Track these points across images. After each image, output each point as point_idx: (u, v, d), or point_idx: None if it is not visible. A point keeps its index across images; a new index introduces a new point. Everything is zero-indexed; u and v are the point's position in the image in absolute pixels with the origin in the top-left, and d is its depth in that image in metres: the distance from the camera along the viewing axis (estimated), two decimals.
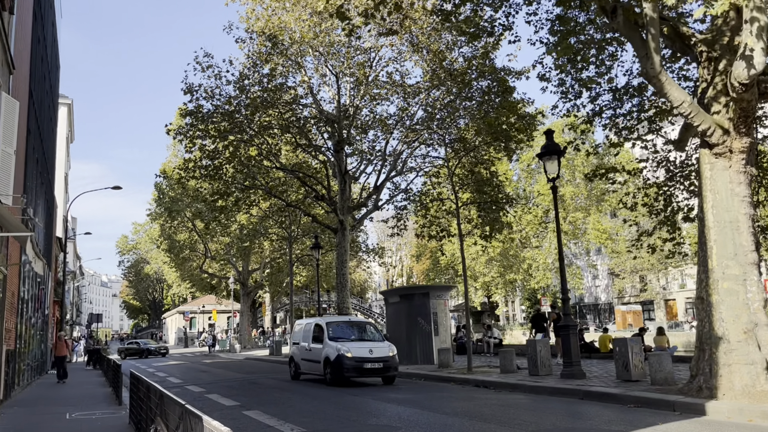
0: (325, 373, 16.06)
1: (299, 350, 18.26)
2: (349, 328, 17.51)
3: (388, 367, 15.67)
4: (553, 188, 14.92)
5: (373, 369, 15.56)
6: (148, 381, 7.23)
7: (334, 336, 16.52)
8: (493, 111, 23.62)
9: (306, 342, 17.76)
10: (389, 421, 9.77)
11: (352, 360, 15.37)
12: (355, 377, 15.71)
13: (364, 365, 15.42)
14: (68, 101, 43.62)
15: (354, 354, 15.44)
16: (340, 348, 15.62)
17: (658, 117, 18.12)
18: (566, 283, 14.60)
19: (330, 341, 16.20)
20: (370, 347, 15.87)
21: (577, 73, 18.62)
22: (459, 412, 10.46)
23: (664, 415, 9.63)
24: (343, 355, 15.42)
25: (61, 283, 34.39)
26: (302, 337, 18.28)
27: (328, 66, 26.03)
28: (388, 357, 15.75)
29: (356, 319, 18.72)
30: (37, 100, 18.55)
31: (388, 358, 15.74)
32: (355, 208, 27.36)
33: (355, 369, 15.36)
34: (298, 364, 18.28)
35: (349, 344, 15.93)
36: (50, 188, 27.21)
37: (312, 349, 17.19)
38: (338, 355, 15.49)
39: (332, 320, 17.79)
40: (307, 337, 17.73)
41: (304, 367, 17.89)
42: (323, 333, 16.67)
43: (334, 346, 15.85)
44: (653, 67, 10.37)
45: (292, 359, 18.83)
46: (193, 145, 25.19)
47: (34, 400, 15.05)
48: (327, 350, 16.09)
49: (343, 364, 15.37)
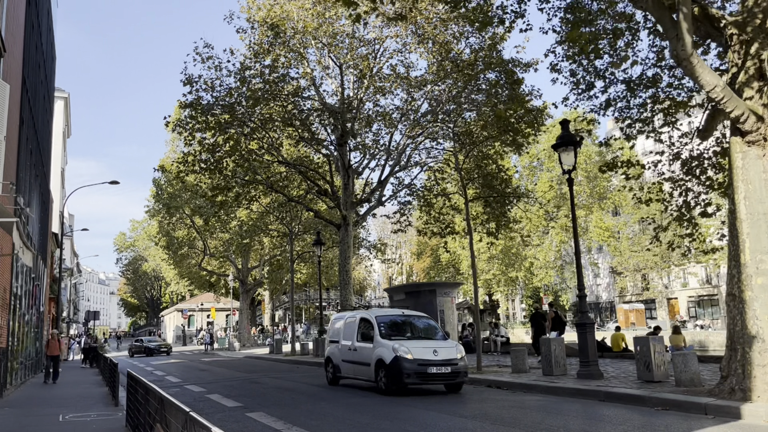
0: (377, 378, 13.19)
1: (339, 350, 15.32)
2: (403, 323, 14.75)
3: (456, 372, 12.83)
4: (569, 180, 14.33)
5: (440, 374, 12.73)
6: (146, 382, 6.61)
7: (388, 333, 13.76)
8: (501, 104, 23.05)
9: (348, 340, 14.85)
10: (402, 424, 9.17)
11: (413, 363, 12.58)
12: (416, 384, 12.93)
13: (428, 370, 12.59)
14: (65, 95, 42.94)
15: (416, 356, 12.65)
16: (398, 348, 12.82)
17: (674, 109, 17.56)
18: (582, 280, 14.00)
19: (383, 339, 13.41)
20: (434, 347, 13.06)
21: (589, 64, 18.09)
22: (477, 415, 9.85)
23: (697, 419, 9.04)
24: (403, 357, 12.64)
25: (57, 280, 33.72)
26: (343, 335, 15.31)
27: (332, 57, 25.39)
28: (457, 360, 12.95)
29: (410, 313, 15.47)
30: (31, 89, 17.90)
31: (457, 360, 12.94)
32: (358, 204, 26.72)
33: (417, 374, 12.56)
34: (338, 366, 15.28)
35: (408, 343, 13.13)
36: (45, 182, 26.55)
37: (358, 348, 14.26)
38: (396, 357, 12.69)
39: (383, 314, 14.84)
40: (350, 334, 14.84)
41: (347, 371, 14.91)
42: (373, 329, 13.84)
43: (389, 345, 13.02)
44: (684, 48, 9.76)
45: (330, 361, 15.78)
46: (193, 138, 24.57)
47: (26, 401, 14.42)
48: (380, 351, 13.21)
49: (402, 369, 12.55)
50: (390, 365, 12.70)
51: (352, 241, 26.21)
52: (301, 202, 28.88)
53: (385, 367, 12.82)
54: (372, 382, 13.61)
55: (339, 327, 15.87)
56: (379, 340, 13.43)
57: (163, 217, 45.47)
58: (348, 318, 15.66)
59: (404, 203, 28.60)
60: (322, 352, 27.35)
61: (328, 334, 16.60)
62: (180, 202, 40.64)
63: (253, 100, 23.34)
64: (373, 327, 13.89)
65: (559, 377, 14.03)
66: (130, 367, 28.16)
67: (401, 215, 28.51)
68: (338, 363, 15.24)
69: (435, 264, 68.65)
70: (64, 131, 44.63)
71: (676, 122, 17.85)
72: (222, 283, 62.57)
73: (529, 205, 41.01)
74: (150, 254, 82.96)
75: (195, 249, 49.81)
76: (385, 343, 13.22)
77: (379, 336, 13.53)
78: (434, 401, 11.83)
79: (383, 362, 12.93)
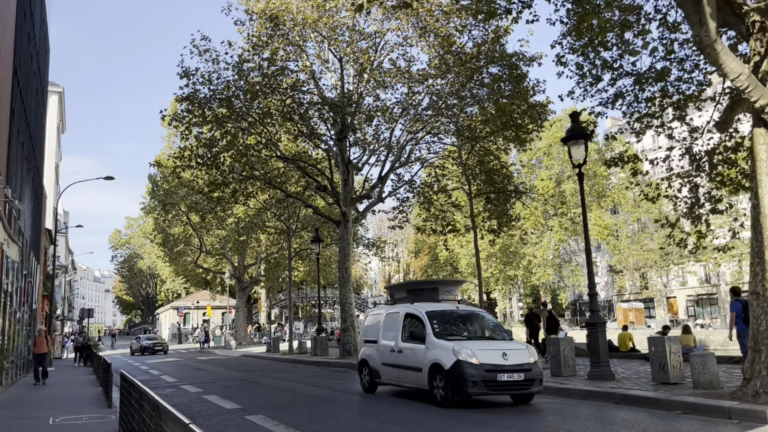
0: (434, 386, 10.87)
1: (379, 351, 12.99)
2: (459, 319, 12.60)
3: (530, 379, 10.60)
4: (579, 175, 13.86)
5: (511, 383, 10.47)
6: (140, 386, 6.11)
7: (442, 332, 11.53)
8: (504, 98, 22.62)
9: (390, 340, 12.62)
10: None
11: (479, 369, 10.31)
12: (482, 395, 10.71)
13: (497, 377, 10.35)
14: (59, 89, 42.31)
15: (482, 360, 10.42)
16: (460, 350, 10.52)
17: (683, 103, 17.14)
18: (593, 278, 13.54)
19: (438, 339, 11.17)
20: (502, 349, 10.81)
21: (596, 57, 17.66)
22: (489, 421, 9.38)
23: (722, 424, 8.59)
24: (466, 361, 10.37)
25: (50, 277, 33.14)
26: (383, 333, 13.06)
27: (332, 50, 24.86)
28: (530, 364, 10.73)
29: (465, 308, 13.42)
30: (23, 80, 17.34)
31: (530, 365, 10.72)
32: (358, 200, 26.22)
33: (485, 383, 10.31)
34: (376, 370, 12.96)
35: (470, 345, 10.87)
36: (38, 176, 25.98)
37: (404, 350, 11.98)
38: (457, 362, 10.39)
39: (433, 309, 12.49)
40: (393, 333, 12.61)
41: (388, 376, 12.62)
42: (424, 327, 11.54)
43: (448, 347, 10.75)
44: (708, 34, 9.30)
45: (365, 364, 13.45)
46: (189, 133, 24.04)
47: (16, 402, 13.89)
48: (435, 353, 10.93)
49: (465, 376, 10.28)
50: (450, 371, 10.42)
51: (351, 237, 25.71)
52: (300, 198, 28.36)
53: (444, 374, 10.54)
54: (423, 390, 11.39)
55: (376, 324, 13.53)
56: (434, 340, 11.17)
57: (159, 213, 44.92)
58: (388, 314, 13.39)
59: (404, 200, 28.17)
60: (321, 351, 26.89)
61: (362, 332, 14.28)
62: (176, 199, 40.06)
63: (251, 94, 22.82)
64: (424, 325, 11.57)
65: (569, 378, 13.58)
66: (124, 366, 27.63)
67: (400, 212, 28.06)
68: (376, 367, 12.92)
69: (433, 262, 68.25)
70: (59, 126, 44.00)
71: (685, 117, 17.45)
72: (218, 281, 62.04)
73: (533, 201, 40.62)
74: (145, 251, 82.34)
75: (191, 246, 49.27)
76: (442, 344, 10.96)
77: (433, 335, 11.25)
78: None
79: (440, 367, 10.63)
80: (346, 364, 21.80)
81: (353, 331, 24.66)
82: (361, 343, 14.13)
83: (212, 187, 25.18)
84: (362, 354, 13.77)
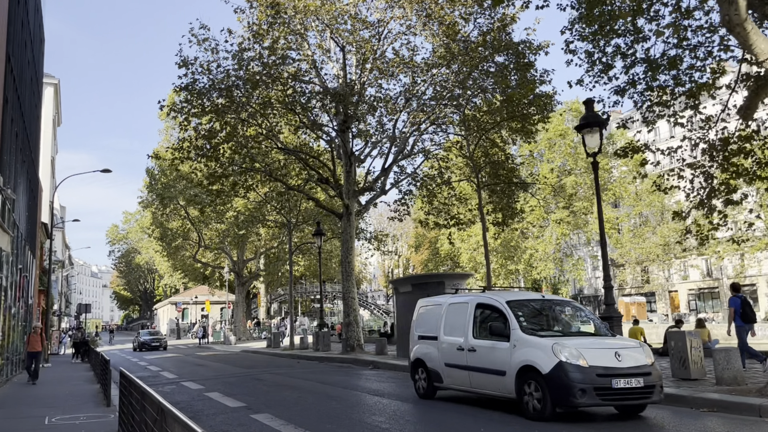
0: (524, 394, 8.68)
1: (440, 350, 10.76)
2: (549, 310, 10.36)
3: (650, 386, 8.49)
4: (594, 164, 13.39)
5: (629, 391, 8.36)
6: (142, 386, 5.64)
7: (531, 326, 9.41)
8: (510, 88, 22.14)
9: (457, 336, 10.35)
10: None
11: (589, 373, 8.23)
12: (593, 405, 8.44)
13: (612, 383, 8.26)
14: (54, 81, 41.66)
15: (591, 361, 8.34)
16: (561, 349, 8.40)
17: (697, 91, 16.69)
18: (609, 270, 13.07)
19: (527, 335, 9.01)
20: (614, 348, 8.74)
21: (606, 44, 17.22)
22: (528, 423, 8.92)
23: (753, 422, 8.16)
24: (571, 363, 8.26)
25: (47, 272, 32.61)
26: (445, 328, 10.82)
27: (334, 38, 24.30)
28: (648, 368, 8.64)
29: (553, 297, 11.09)
30: (16, 68, 16.80)
31: (648, 368, 8.63)
32: (361, 192, 25.72)
33: (597, 391, 8.20)
34: (436, 372, 10.79)
35: (572, 342, 8.70)
36: (33, 169, 25.44)
37: (478, 348, 9.76)
38: (560, 364, 8.29)
39: (516, 298, 10.19)
40: (460, 328, 10.35)
41: (455, 379, 10.37)
42: (506, 321, 9.33)
43: (545, 345, 8.63)
44: (738, 12, 8.84)
45: (421, 364, 11.25)
46: (188, 123, 23.50)
47: (11, 400, 13.42)
48: (526, 353, 8.79)
49: (571, 382, 8.15)
50: (550, 376, 8.28)
51: (354, 231, 25.22)
52: (301, 190, 27.84)
53: (541, 379, 8.39)
54: (505, 398, 9.30)
55: (434, 317, 11.21)
56: (523, 336, 8.99)
57: (157, 208, 44.39)
58: (451, 304, 10.99)
59: (406, 192, 27.68)
60: (323, 346, 26.45)
61: (414, 326, 11.94)
62: (174, 193, 39.54)
63: (252, 83, 22.29)
64: (505, 317, 9.39)
65: None
66: (123, 362, 27.16)
67: (402, 204, 27.57)
68: (437, 368, 10.76)
69: (433, 256, 67.82)
70: (54, 119, 43.37)
71: (698, 105, 17.01)
72: (217, 276, 61.56)
73: (540, 190, 40.18)
74: (143, 246, 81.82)
75: (189, 240, 48.76)
76: (536, 341, 8.83)
77: (521, 330, 9.08)
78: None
79: (534, 371, 8.52)
80: (350, 359, 21.37)
81: (356, 326, 24.22)
82: (413, 339, 11.85)
83: (211, 179, 24.68)
84: (416, 353, 11.51)
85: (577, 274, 61.76)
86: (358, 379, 15.83)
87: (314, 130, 25.48)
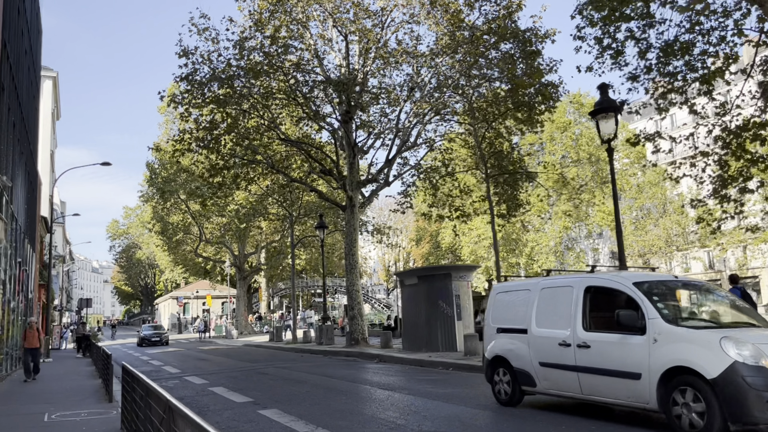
0: (673, 403, 6.72)
1: (532, 345, 8.67)
2: (691, 297, 8.49)
3: None
4: (609, 150, 12.96)
5: None
6: (147, 382, 5.28)
7: (674, 316, 7.44)
8: (517, 77, 21.70)
9: (560, 328, 8.23)
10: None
11: None
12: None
13: None
14: (53, 74, 41.20)
15: None
16: (734, 346, 6.41)
17: (710, 77, 16.32)
18: (624, 260, 12.67)
19: (673, 326, 7.03)
20: None
21: (617, 31, 16.86)
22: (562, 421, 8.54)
23: None
24: (749, 364, 6.30)
25: (47, 266, 32.26)
26: (538, 318, 8.73)
27: (337, 27, 23.85)
28: None
29: (689, 279, 9.44)
30: (13, 56, 16.38)
31: None
32: (365, 184, 25.33)
33: None
34: (527, 373, 8.72)
35: (746, 336, 6.68)
36: (32, 161, 25.05)
37: (593, 343, 7.74)
38: (733, 366, 6.30)
39: (647, 279, 8.05)
40: (562, 317, 8.24)
41: (558, 383, 8.27)
42: (637, 308, 7.32)
43: (706, 339, 6.73)
44: None
45: (503, 363, 9.17)
46: (189, 115, 23.10)
47: (10, 396, 13.07)
48: (676, 350, 6.81)
49: (751, 389, 6.18)
50: (720, 381, 6.28)
51: (358, 223, 24.84)
52: (304, 182, 27.44)
53: (705, 386, 6.40)
54: (639, 407, 7.25)
55: (520, 305, 9.15)
56: (667, 328, 6.99)
57: (158, 202, 43.99)
58: (545, 289, 8.85)
59: (410, 184, 27.27)
60: (327, 339, 26.11)
61: (489, 317, 9.84)
62: (175, 187, 39.12)
63: (253, 73, 21.88)
64: (636, 304, 7.36)
65: None
66: (124, 356, 26.84)
67: (405, 196, 27.18)
68: (527, 368, 8.70)
69: (434, 250, 67.48)
70: (53, 112, 42.94)
71: (712, 92, 16.63)
72: (218, 270, 61.19)
73: (548, 178, 39.75)
74: (144, 241, 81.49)
75: (190, 235, 48.38)
76: (691, 335, 6.86)
77: (662, 320, 7.08)
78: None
79: (694, 374, 6.54)
80: (355, 353, 21.05)
81: (361, 319, 23.88)
82: (488, 333, 9.73)
83: (212, 171, 24.33)
84: (495, 349, 9.37)
85: (580, 267, 61.38)
86: (365, 372, 15.50)
87: (317, 121, 25.06)
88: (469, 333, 17.98)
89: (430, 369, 15.60)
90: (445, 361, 16.02)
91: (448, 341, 18.79)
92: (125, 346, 40.99)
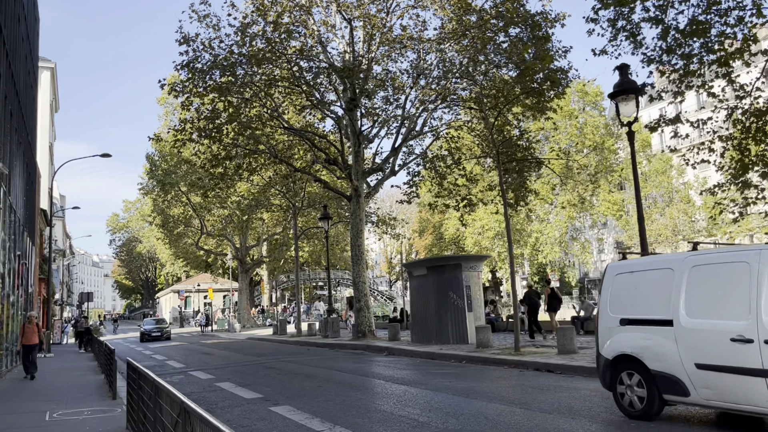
0: None
1: (681, 342, 6.71)
2: None
3: None
4: (630, 134, 12.47)
5: None
6: (156, 379, 4.81)
7: None
8: (526, 62, 21.15)
9: (729, 318, 6.29)
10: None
11: None
12: None
13: None
14: (51, 65, 40.60)
15: None
16: None
17: (727, 59, 15.79)
18: (647, 247, 12.21)
19: None
20: None
21: (631, 12, 16.32)
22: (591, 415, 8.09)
23: None
24: None
25: (47, 260, 31.79)
26: (687, 305, 6.74)
27: (341, 12, 23.26)
28: None
29: None
30: (9, 42, 15.84)
31: None
32: (370, 173, 24.81)
33: None
34: (675, 379, 6.72)
35: None
36: (30, 153, 24.53)
37: None
38: None
39: None
40: (733, 304, 6.29)
41: (730, 393, 6.21)
42: None
43: None
44: None
45: (633, 364, 7.22)
46: (190, 103, 22.55)
47: (10, 393, 12.63)
48: None
49: None
50: None
51: (363, 213, 24.34)
52: (308, 172, 26.90)
53: None
54: None
55: (656, 287, 7.21)
56: None
57: (158, 194, 43.45)
58: (698, 266, 6.80)
59: (415, 174, 26.73)
60: (332, 332, 25.67)
61: (607, 304, 7.81)
62: (175, 179, 38.58)
63: (256, 60, 21.31)
64: None
65: None
66: (127, 351, 26.42)
67: (411, 186, 26.66)
68: (674, 372, 6.72)
69: (438, 241, 67.02)
70: (52, 104, 42.35)
71: (731, 74, 16.11)
72: (219, 263, 60.75)
73: (560, 160, 39.23)
74: (144, 235, 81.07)
75: (191, 227, 47.87)
76: None
77: None
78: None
79: None
80: (362, 346, 20.62)
81: (368, 311, 23.42)
82: (604, 325, 7.76)
83: (214, 162, 23.83)
84: (621, 345, 7.39)
85: (584, 257, 60.93)
86: (376, 366, 15.05)
87: (321, 109, 24.51)
88: (481, 325, 17.54)
89: (441, 362, 15.16)
90: (457, 354, 15.58)
91: (458, 333, 18.35)
92: (127, 340, 40.55)
